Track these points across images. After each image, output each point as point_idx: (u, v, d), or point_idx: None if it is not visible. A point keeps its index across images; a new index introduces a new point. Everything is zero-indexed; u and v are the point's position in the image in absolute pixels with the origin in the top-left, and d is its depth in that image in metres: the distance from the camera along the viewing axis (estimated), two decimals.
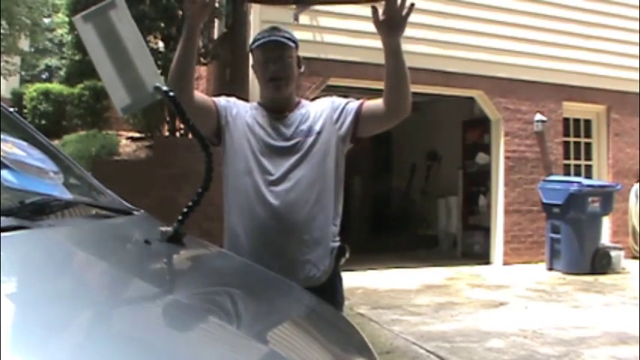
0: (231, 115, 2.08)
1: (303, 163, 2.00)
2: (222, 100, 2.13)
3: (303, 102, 2.14)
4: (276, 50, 2.03)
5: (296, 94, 2.14)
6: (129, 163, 7.50)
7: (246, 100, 2.23)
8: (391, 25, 1.90)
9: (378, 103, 2.03)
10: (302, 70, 2.14)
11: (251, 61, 2.14)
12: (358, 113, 2.05)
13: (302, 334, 1.31)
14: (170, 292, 1.28)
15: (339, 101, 2.10)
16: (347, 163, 2.18)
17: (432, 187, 10.24)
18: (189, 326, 1.08)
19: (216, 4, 8.46)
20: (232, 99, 2.17)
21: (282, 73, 2.03)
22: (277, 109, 2.07)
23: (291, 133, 2.03)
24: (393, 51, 1.92)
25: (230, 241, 2.05)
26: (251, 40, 2.12)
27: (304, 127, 2.03)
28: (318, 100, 2.15)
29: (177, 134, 8.02)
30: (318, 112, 2.07)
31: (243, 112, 2.10)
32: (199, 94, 2.08)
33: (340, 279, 2.14)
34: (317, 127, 2.03)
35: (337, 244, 2.09)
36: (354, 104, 2.08)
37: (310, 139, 2.02)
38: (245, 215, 2.01)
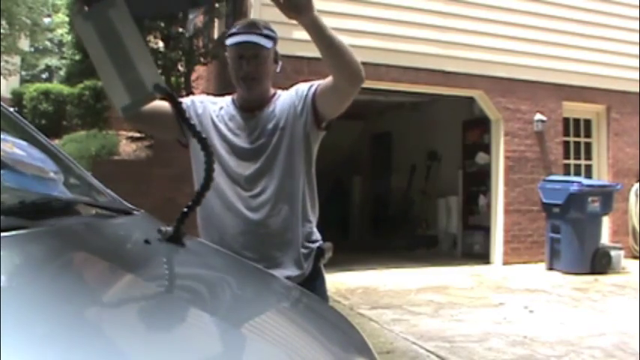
0: (196, 114, 2.02)
1: (269, 164, 1.95)
2: (185, 101, 2.04)
3: (278, 94, 2.06)
4: (252, 49, 1.95)
5: (270, 87, 2.06)
6: (129, 163, 7.51)
7: None
8: (294, 4, 1.68)
9: (329, 81, 1.91)
10: (279, 64, 2.07)
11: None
12: (314, 99, 1.96)
13: (302, 334, 1.31)
14: (170, 292, 1.28)
15: (302, 89, 2.01)
16: (347, 163, 2.15)
17: (432, 187, 10.24)
18: (190, 326, 1.08)
19: (217, 5, 8.46)
20: (200, 97, 2.12)
21: (256, 73, 1.96)
22: (248, 107, 2.01)
23: (257, 133, 1.97)
24: (310, 29, 1.74)
25: None
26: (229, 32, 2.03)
27: (270, 125, 1.97)
28: (288, 90, 2.05)
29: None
30: (285, 105, 1.99)
31: (210, 110, 2.04)
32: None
33: (322, 280, 2.08)
34: (281, 123, 1.97)
35: (316, 244, 2.03)
36: (312, 90, 1.98)
37: (275, 138, 1.96)
38: (214, 220, 1.98)
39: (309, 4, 1.70)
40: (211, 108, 2.05)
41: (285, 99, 2.02)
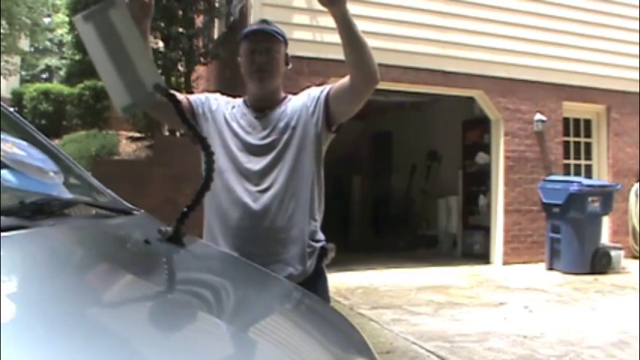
0: (210, 110, 2.06)
1: (279, 161, 1.98)
2: (199, 97, 2.11)
3: (289, 97, 2.10)
4: (265, 42, 2.01)
5: (282, 90, 2.11)
6: (129, 163, 7.51)
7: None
8: None
9: (344, 81, 1.97)
10: (289, 67, 2.11)
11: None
12: (327, 100, 2.01)
13: (302, 334, 1.31)
14: (170, 292, 1.28)
15: (314, 92, 2.06)
16: (347, 163, 2.16)
17: (432, 187, 10.24)
18: (190, 326, 1.08)
19: (217, 4, 8.46)
20: (215, 95, 2.15)
21: (268, 65, 2.01)
22: (260, 106, 2.05)
23: (268, 131, 2.01)
24: (340, 22, 1.81)
25: (205, 239, 2.04)
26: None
27: (282, 124, 2.01)
28: (300, 94, 2.11)
29: (177, 134, 8.02)
30: (297, 106, 2.04)
31: (224, 107, 2.07)
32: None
33: (324, 280, 2.09)
34: (292, 123, 2.00)
35: (320, 244, 2.05)
36: (325, 92, 2.03)
37: (286, 136, 1.99)
38: (220, 215, 2.00)
39: None
40: (225, 106, 2.09)
41: (296, 101, 2.06)
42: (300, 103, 2.04)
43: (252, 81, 2.05)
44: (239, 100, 2.12)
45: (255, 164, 1.99)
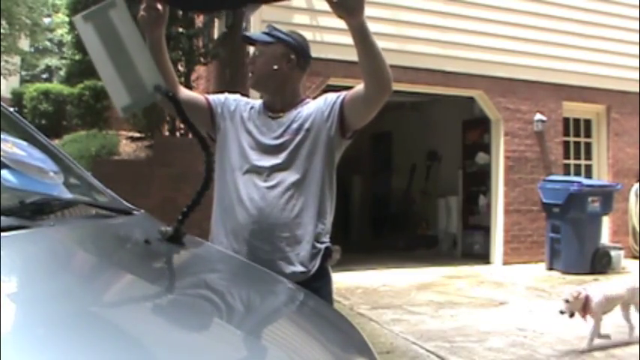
0: (228, 110, 2.11)
1: (289, 160, 2.01)
2: (219, 97, 2.16)
3: (307, 100, 2.15)
4: (255, 46, 2.14)
5: (294, 91, 2.13)
6: (129, 163, 7.50)
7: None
8: (346, 6, 1.75)
9: (359, 88, 1.99)
10: (294, 66, 2.11)
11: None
12: (342, 106, 2.03)
13: (302, 334, 1.31)
14: (170, 292, 1.28)
15: (331, 97, 2.09)
16: (347, 163, 2.16)
17: (432, 187, 10.24)
18: (190, 326, 1.08)
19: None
20: (235, 96, 2.20)
21: (252, 71, 2.11)
22: (273, 107, 2.10)
23: (281, 131, 2.04)
24: (356, 32, 1.81)
25: (214, 234, 2.06)
26: None
27: (295, 125, 2.04)
28: (317, 99, 2.15)
29: (178, 134, 8.02)
30: (312, 109, 2.07)
31: (242, 108, 2.12)
32: (187, 93, 2.13)
33: (328, 280, 2.10)
34: (306, 125, 2.04)
35: (325, 245, 2.06)
36: (340, 98, 2.06)
37: (298, 137, 2.02)
38: (229, 210, 2.03)
39: (361, 6, 1.76)
40: (244, 107, 2.14)
41: (312, 105, 2.10)
42: (315, 106, 2.08)
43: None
44: (259, 101, 2.17)
45: (266, 162, 2.02)
